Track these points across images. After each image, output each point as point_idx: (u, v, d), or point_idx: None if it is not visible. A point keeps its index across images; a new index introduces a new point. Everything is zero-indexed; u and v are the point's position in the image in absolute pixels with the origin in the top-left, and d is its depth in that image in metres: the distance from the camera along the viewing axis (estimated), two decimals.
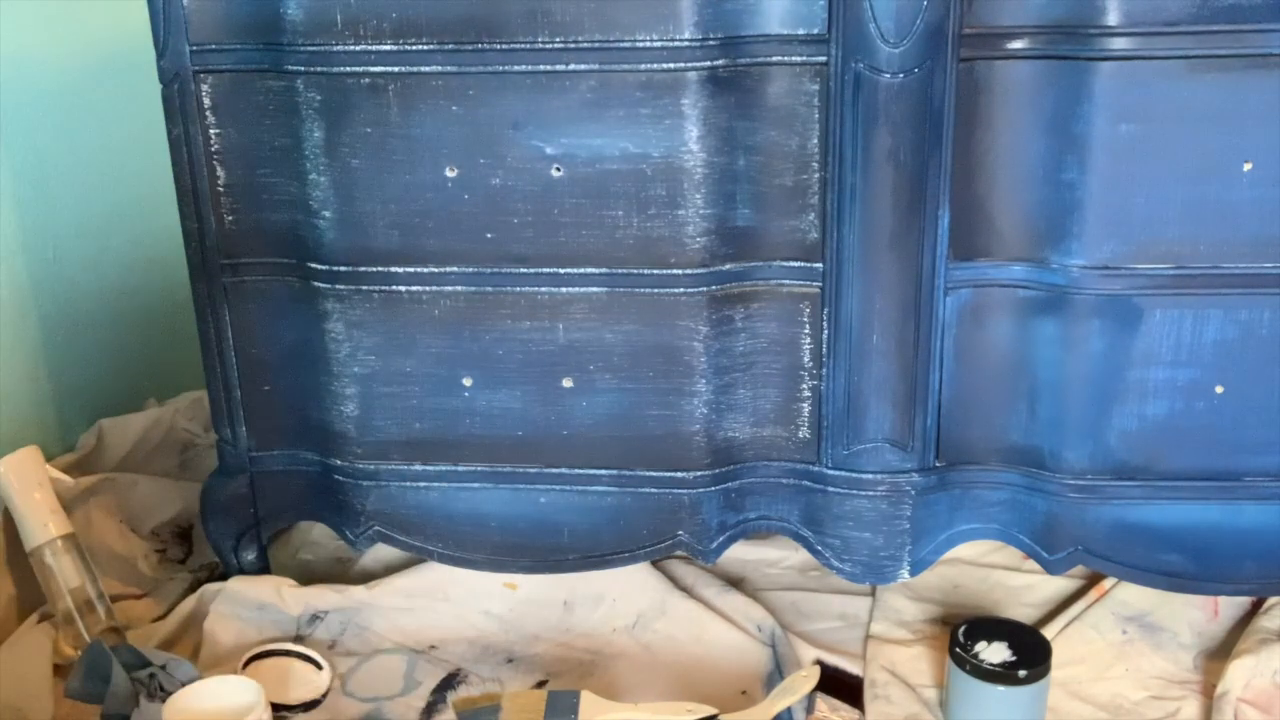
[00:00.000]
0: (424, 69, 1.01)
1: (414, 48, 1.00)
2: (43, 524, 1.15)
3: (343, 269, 1.08)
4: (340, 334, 1.10)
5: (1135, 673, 1.11)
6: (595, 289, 1.06)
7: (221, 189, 1.09)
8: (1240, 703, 1.04)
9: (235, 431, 1.18)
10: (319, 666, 1.10)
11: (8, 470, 1.16)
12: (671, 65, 0.98)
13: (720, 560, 1.18)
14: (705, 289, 1.05)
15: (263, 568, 1.24)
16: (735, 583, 1.24)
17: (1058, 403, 1.06)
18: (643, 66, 0.99)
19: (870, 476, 1.09)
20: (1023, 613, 1.20)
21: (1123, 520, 1.09)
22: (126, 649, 1.06)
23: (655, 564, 1.22)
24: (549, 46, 0.99)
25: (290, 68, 1.03)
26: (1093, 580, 1.22)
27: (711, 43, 0.98)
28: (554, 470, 1.13)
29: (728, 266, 1.05)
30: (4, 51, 1.30)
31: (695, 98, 0.99)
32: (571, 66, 0.99)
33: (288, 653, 1.12)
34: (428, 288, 1.08)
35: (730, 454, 1.12)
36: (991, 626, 1.05)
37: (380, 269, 1.07)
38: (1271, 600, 1.16)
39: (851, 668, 1.12)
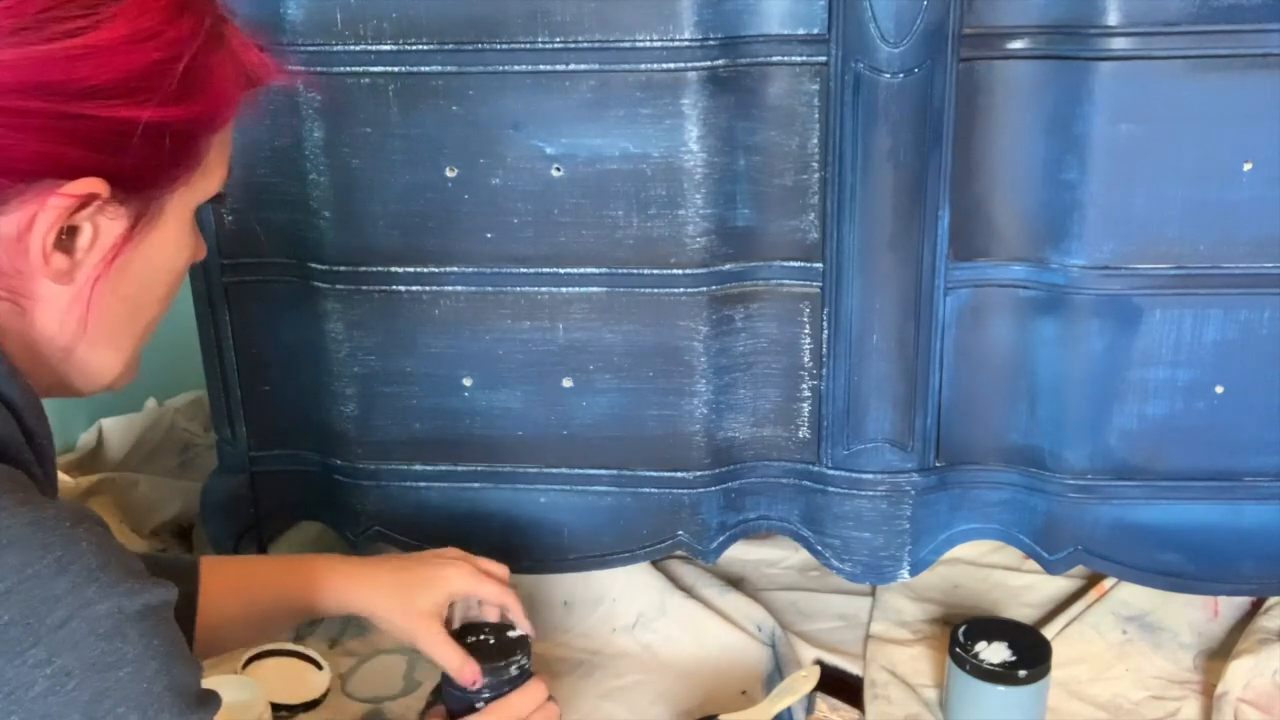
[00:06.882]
0: (424, 69, 1.01)
1: (414, 48, 1.00)
2: None
3: (343, 269, 1.08)
4: (340, 334, 1.10)
5: (1135, 673, 1.11)
6: (595, 289, 1.06)
7: (222, 189, 1.09)
8: (1240, 703, 1.04)
9: (235, 431, 1.18)
10: (319, 666, 1.10)
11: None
12: (671, 65, 0.98)
13: (720, 560, 1.18)
14: (705, 289, 1.05)
15: None
16: (735, 583, 1.24)
17: (1058, 402, 1.06)
18: (643, 66, 0.99)
19: (870, 476, 1.09)
20: (1023, 613, 1.20)
21: (1123, 520, 1.09)
22: None
23: (655, 564, 1.22)
24: (549, 46, 0.99)
25: (290, 67, 1.02)
26: (1093, 580, 1.22)
27: (711, 43, 0.98)
28: (554, 470, 1.13)
29: (728, 266, 1.05)
30: None
31: (695, 98, 0.99)
32: (571, 66, 0.99)
33: (288, 653, 1.12)
34: (428, 288, 1.08)
35: (730, 454, 1.12)
36: (991, 626, 1.05)
37: (380, 269, 1.07)
38: (1271, 600, 1.16)
39: (851, 668, 1.12)
